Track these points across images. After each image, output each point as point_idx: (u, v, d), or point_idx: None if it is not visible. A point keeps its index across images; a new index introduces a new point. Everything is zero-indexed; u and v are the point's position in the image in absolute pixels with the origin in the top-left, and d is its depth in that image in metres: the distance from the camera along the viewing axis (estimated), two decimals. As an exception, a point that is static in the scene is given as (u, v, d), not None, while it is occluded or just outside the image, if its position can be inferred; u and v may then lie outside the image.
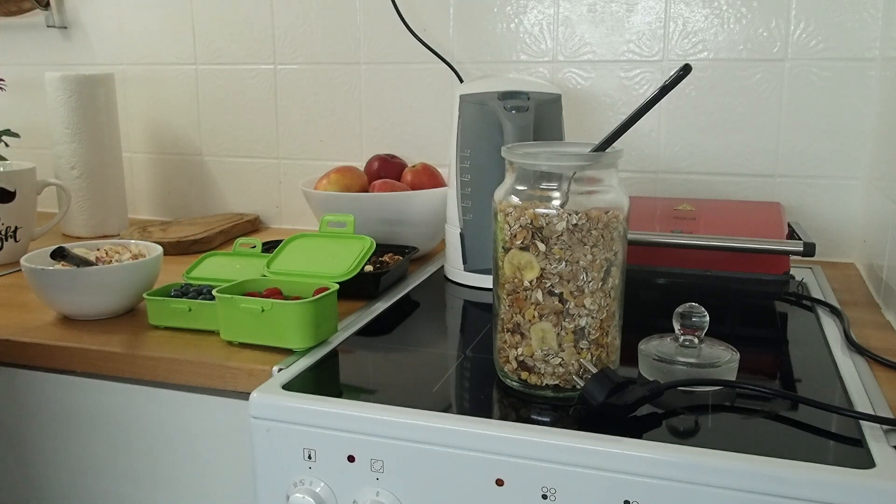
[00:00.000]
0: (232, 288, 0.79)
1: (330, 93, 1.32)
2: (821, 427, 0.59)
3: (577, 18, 1.17)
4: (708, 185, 1.16)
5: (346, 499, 0.63)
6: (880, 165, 1.00)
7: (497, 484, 0.58)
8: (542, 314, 0.62)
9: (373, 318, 0.86)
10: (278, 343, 0.75)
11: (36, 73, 1.46)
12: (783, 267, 0.97)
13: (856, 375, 0.69)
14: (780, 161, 1.12)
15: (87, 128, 1.27)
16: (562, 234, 0.60)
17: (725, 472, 0.53)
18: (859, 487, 0.51)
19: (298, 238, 0.91)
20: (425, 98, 1.27)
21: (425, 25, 1.24)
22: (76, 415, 0.83)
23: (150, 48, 1.41)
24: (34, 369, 0.83)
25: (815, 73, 1.08)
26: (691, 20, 1.12)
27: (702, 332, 0.68)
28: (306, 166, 1.36)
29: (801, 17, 1.08)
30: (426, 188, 1.11)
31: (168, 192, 1.47)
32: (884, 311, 0.89)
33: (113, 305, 0.87)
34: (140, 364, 0.77)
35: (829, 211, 1.11)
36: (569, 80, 1.19)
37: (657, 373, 0.67)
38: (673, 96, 1.11)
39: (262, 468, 0.65)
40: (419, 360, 0.75)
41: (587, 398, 0.60)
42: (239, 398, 0.75)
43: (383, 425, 0.61)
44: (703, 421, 0.60)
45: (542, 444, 0.57)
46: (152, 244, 0.94)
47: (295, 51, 1.32)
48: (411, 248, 1.04)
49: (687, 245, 0.95)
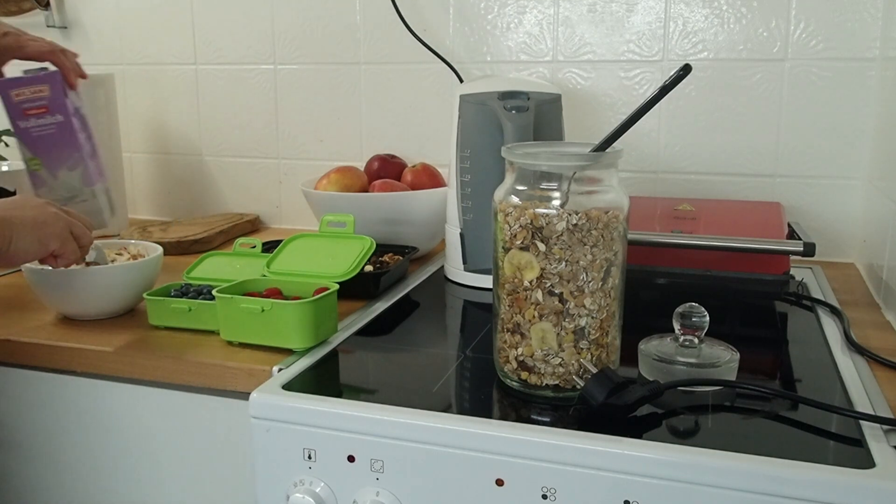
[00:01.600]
0: (232, 288, 0.79)
1: (330, 93, 1.32)
2: (821, 427, 0.59)
3: (577, 18, 1.17)
4: (708, 185, 1.16)
5: (346, 499, 0.63)
6: (880, 165, 1.00)
7: (497, 484, 0.58)
8: (542, 314, 0.62)
9: (373, 318, 0.86)
10: (278, 343, 0.75)
11: (36, 73, 1.46)
12: (783, 267, 0.97)
13: (856, 375, 0.69)
14: (780, 161, 1.12)
15: (87, 128, 1.27)
16: (562, 234, 0.60)
17: (725, 472, 0.53)
18: (859, 487, 0.51)
19: (298, 238, 0.91)
20: (425, 98, 1.27)
21: (425, 25, 1.24)
22: (76, 415, 0.83)
23: (150, 48, 1.41)
24: (34, 369, 0.83)
25: (815, 73, 1.08)
26: (691, 20, 1.12)
27: (702, 332, 0.68)
28: (306, 166, 1.36)
29: (801, 17, 1.08)
30: (426, 188, 1.11)
31: (168, 192, 1.47)
32: (884, 311, 0.89)
33: (113, 305, 0.87)
34: (140, 364, 0.77)
35: (829, 211, 1.11)
36: (569, 80, 1.19)
37: (657, 373, 0.67)
38: (673, 96, 1.11)
39: (262, 468, 0.65)
40: (419, 360, 0.75)
41: (587, 398, 0.60)
42: (239, 398, 0.75)
43: (383, 425, 0.61)
44: (703, 421, 0.60)
45: (542, 444, 0.57)
46: (152, 244, 0.94)
47: (295, 51, 1.32)
48: (411, 248, 1.04)
49: (687, 245, 0.94)
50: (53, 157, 0.97)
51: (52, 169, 0.98)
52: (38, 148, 0.97)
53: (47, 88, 0.96)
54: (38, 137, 0.97)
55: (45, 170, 0.98)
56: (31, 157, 0.97)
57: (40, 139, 0.97)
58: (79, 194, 0.99)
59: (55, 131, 0.97)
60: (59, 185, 0.98)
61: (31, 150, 0.97)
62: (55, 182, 0.98)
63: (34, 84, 0.96)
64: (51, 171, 0.98)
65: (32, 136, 0.97)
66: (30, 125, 0.97)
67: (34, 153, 0.97)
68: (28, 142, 0.97)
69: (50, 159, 0.98)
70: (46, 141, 0.97)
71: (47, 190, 0.98)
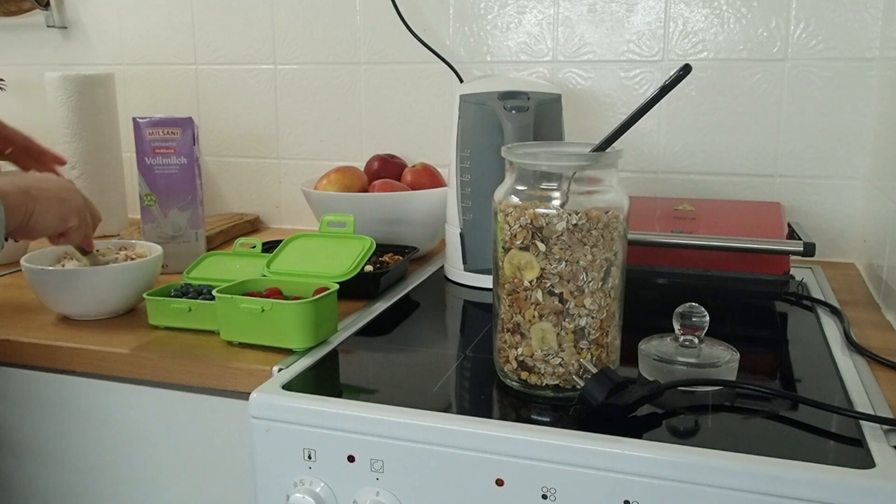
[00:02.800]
0: (232, 288, 0.79)
1: (330, 93, 1.32)
2: (821, 427, 0.59)
3: (577, 18, 1.17)
4: (708, 185, 1.16)
5: (346, 499, 0.63)
6: (880, 165, 1.00)
7: (497, 484, 0.58)
8: (542, 314, 0.62)
9: (373, 318, 0.86)
10: (278, 343, 0.75)
11: (36, 73, 1.46)
12: (783, 267, 0.97)
13: (856, 375, 0.69)
14: (779, 161, 1.12)
15: (87, 128, 1.27)
16: (562, 234, 0.60)
17: (725, 472, 0.53)
18: (859, 487, 0.51)
19: (298, 238, 0.91)
20: (425, 98, 1.27)
21: (425, 25, 1.24)
22: (76, 415, 0.83)
23: (150, 48, 1.41)
24: (34, 369, 0.83)
25: (815, 73, 1.08)
26: (691, 20, 1.12)
27: (702, 332, 0.68)
28: (306, 166, 1.36)
29: (801, 17, 1.08)
30: (426, 188, 1.11)
31: (168, 192, 1.47)
32: (884, 311, 0.89)
33: (113, 305, 0.87)
34: (140, 364, 0.77)
35: (829, 211, 1.11)
36: (569, 80, 1.19)
37: (657, 373, 0.67)
38: (673, 96, 1.11)
39: (262, 468, 0.65)
40: (419, 360, 0.75)
41: (587, 398, 0.60)
42: (239, 398, 0.75)
43: (383, 425, 0.61)
44: (703, 421, 0.60)
45: (542, 444, 0.57)
46: (152, 244, 0.94)
47: (295, 51, 1.32)
48: (411, 248, 1.04)
49: (687, 245, 0.94)
50: (169, 196, 1.03)
51: (165, 207, 1.03)
52: (157, 185, 1.03)
53: (179, 132, 1.03)
54: (160, 175, 1.03)
55: (158, 207, 1.03)
56: (148, 192, 1.03)
57: (162, 177, 1.03)
58: (183, 234, 1.05)
59: (177, 172, 1.03)
60: (168, 223, 1.04)
61: (150, 186, 1.03)
62: (164, 220, 1.04)
63: (169, 126, 1.03)
64: (163, 209, 1.03)
65: (154, 174, 1.03)
66: (155, 163, 1.02)
67: (152, 189, 1.03)
68: (149, 178, 1.03)
69: (165, 198, 1.03)
70: (167, 180, 1.03)
71: (155, 226, 1.04)
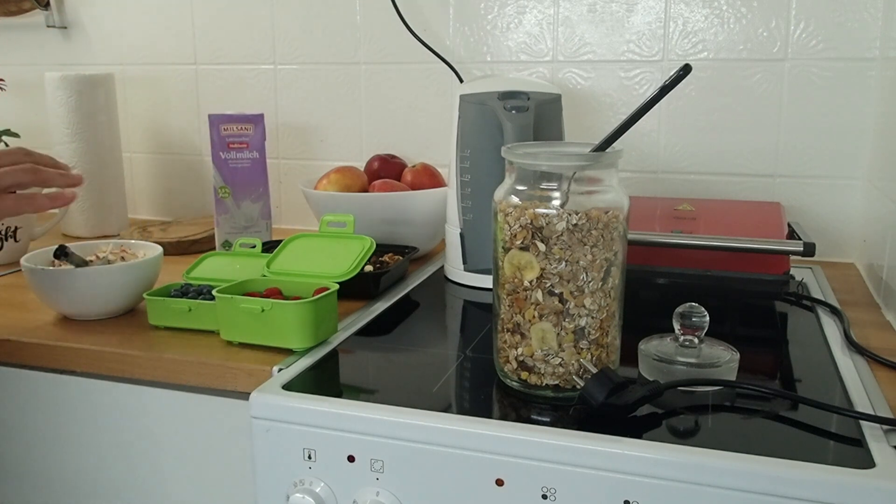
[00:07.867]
0: (232, 288, 0.79)
1: (330, 93, 1.32)
2: (821, 427, 0.59)
3: (577, 18, 1.17)
4: (708, 185, 1.16)
5: (346, 499, 0.63)
6: (880, 165, 1.00)
7: (497, 484, 0.58)
8: (542, 314, 0.62)
9: (373, 318, 0.86)
10: (278, 343, 0.75)
11: (36, 73, 1.46)
12: (783, 267, 0.97)
13: (856, 375, 0.69)
14: (780, 161, 1.12)
15: (87, 128, 1.27)
16: (562, 234, 0.60)
17: (725, 472, 0.53)
18: (859, 487, 0.51)
19: (298, 238, 0.91)
20: (425, 98, 1.27)
21: (425, 25, 1.24)
22: (76, 415, 0.83)
23: (150, 48, 1.41)
24: (34, 369, 0.83)
25: (815, 73, 1.08)
26: (691, 20, 1.12)
27: (702, 332, 0.68)
28: (306, 166, 1.36)
29: (801, 17, 1.08)
30: (426, 188, 1.11)
31: (168, 192, 1.47)
32: (884, 311, 0.89)
33: (113, 305, 0.87)
34: (140, 364, 0.77)
35: (829, 211, 1.11)
36: (569, 80, 1.19)
37: (657, 373, 0.67)
38: (673, 96, 1.11)
39: (262, 468, 0.65)
40: (419, 360, 0.75)
41: (587, 398, 0.60)
42: (239, 398, 0.75)
43: (383, 425, 0.61)
44: (703, 421, 0.60)
45: (542, 444, 0.57)
46: (152, 244, 0.94)
47: (295, 51, 1.32)
48: (411, 248, 1.04)
49: (687, 245, 0.94)
50: (242, 188, 1.09)
51: (238, 199, 1.09)
52: (231, 179, 1.09)
53: (252, 128, 1.09)
54: (234, 169, 1.09)
55: (232, 199, 1.09)
56: (222, 185, 1.09)
57: (236, 171, 1.09)
58: (255, 225, 1.11)
59: (249, 166, 1.09)
60: (241, 214, 1.10)
61: (224, 180, 1.09)
62: (237, 211, 1.10)
63: (243, 122, 1.09)
64: (236, 200, 1.09)
65: (229, 168, 1.09)
66: (229, 157, 1.08)
67: (226, 182, 1.09)
68: (224, 172, 1.09)
69: (239, 190, 1.09)
70: (240, 174, 1.09)
71: (229, 217, 1.10)
